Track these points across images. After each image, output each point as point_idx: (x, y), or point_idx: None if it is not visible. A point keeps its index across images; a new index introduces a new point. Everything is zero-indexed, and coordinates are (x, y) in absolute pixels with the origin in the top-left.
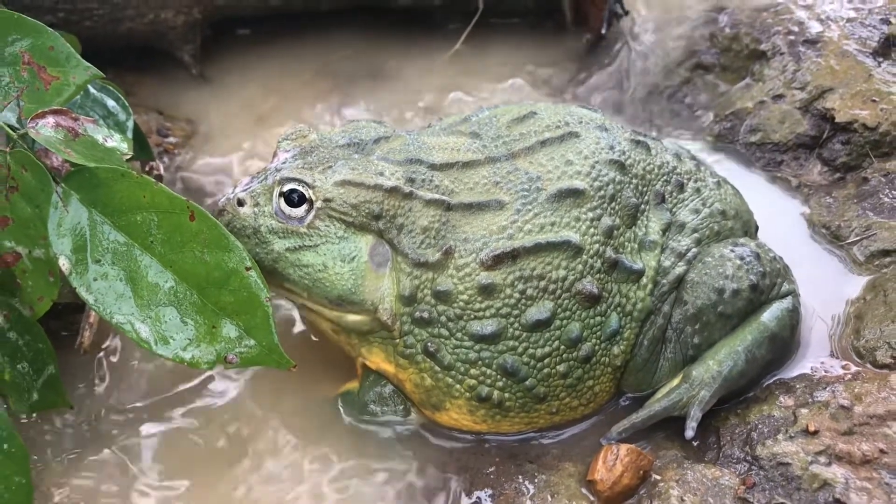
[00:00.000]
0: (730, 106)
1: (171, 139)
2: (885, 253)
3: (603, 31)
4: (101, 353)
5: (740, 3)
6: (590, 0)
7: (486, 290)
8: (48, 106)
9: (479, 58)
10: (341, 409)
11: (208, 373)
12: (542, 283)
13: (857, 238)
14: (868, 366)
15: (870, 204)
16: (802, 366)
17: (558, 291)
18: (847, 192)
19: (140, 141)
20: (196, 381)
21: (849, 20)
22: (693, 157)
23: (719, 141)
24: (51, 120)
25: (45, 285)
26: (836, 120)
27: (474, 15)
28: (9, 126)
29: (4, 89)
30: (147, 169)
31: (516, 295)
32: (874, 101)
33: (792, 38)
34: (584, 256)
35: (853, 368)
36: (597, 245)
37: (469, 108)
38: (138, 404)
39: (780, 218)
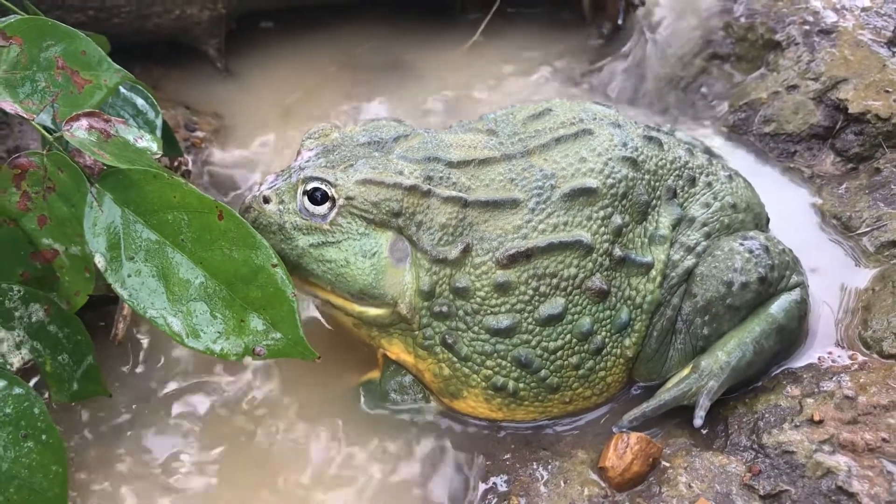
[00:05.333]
0: (744, 96)
1: (198, 133)
2: (895, 244)
3: (619, 22)
4: (135, 344)
5: None
6: None
7: (502, 288)
8: (81, 108)
9: (496, 48)
10: (362, 398)
11: (236, 364)
12: (555, 281)
13: (868, 229)
14: (875, 356)
15: (881, 195)
16: (810, 356)
17: (569, 288)
18: (859, 182)
19: (168, 137)
20: (224, 371)
21: (864, 9)
22: (706, 151)
23: (734, 131)
24: (84, 122)
25: (82, 280)
26: (850, 111)
27: (492, 5)
28: (45, 128)
29: (41, 93)
30: (175, 164)
31: (530, 292)
32: (888, 91)
33: (807, 27)
34: (595, 255)
35: (860, 358)
36: (606, 244)
37: (487, 99)
38: (169, 392)
39: (791, 208)
